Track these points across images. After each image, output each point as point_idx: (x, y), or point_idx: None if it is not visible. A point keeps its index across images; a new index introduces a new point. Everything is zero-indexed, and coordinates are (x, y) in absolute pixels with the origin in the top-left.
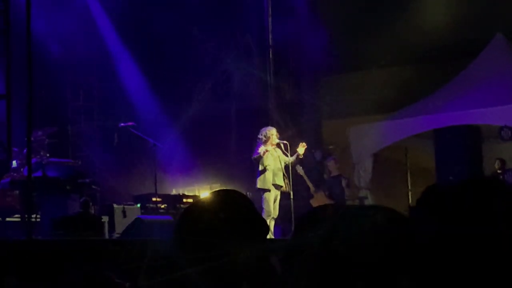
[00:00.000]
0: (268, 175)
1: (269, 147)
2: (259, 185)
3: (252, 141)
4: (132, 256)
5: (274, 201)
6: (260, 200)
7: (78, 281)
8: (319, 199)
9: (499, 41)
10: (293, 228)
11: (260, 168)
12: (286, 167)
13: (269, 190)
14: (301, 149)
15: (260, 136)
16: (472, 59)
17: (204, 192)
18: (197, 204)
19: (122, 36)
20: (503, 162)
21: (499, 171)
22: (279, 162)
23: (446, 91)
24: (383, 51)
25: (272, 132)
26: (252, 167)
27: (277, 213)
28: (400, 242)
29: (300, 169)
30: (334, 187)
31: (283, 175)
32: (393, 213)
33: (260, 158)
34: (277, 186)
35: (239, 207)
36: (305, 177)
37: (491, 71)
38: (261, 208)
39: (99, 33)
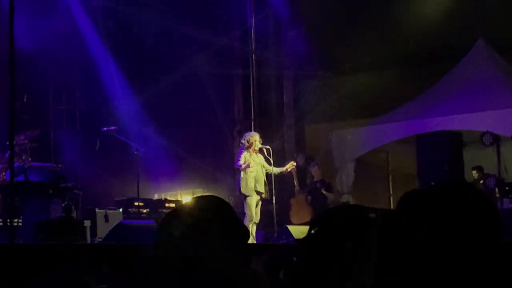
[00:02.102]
0: (250, 181)
1: (252, 157)
2: (241, 190)
3: (235, 146)
4: (114, 260)
5: (256, 206)
6: (243, 205)
7: (57, 286)
8: (299, 201)
9: (481, 47)
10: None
11: (242, 174)
12: (268, 173)
13: (251, 196)
14: (290, 166)
15: (243, 141)
16: (454, 64)
17: (186, 197)
18: (178, 210)
19: (105, 40)
20: (480, 169)
21: (481, 181)
22: (261, 168)
23: (428, 96)
24: (366, 56)
25: (255, 138)
26: (235, 172)
27: (259, 218)
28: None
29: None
30: (315, 192)
31: (264, 181)
32: None
33: (243, 170)
34: (258, 192)
35: (219, 213)
36: (294, 175)
37: (473, 77)
38: (243, 213)
39: (81, 37)
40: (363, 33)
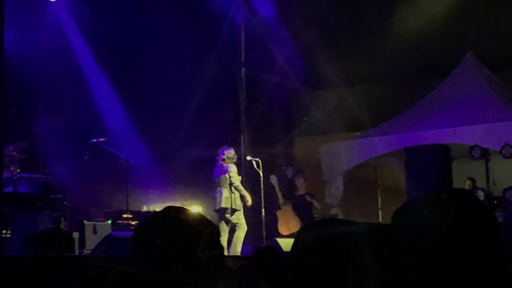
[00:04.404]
0: (238, 195)
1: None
2: (232, 205)
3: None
4: (102, 273)
5: None
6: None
7: None
8: (286, 213)
9: (469, 61)
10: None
11: (230, 189)
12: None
13: (240, 210)
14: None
15: (230, 157)
16: (443, 78)
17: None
18: (144, 222)
19: (94, 51)
20: (473, 181)
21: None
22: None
23: (417, 110)
24: (356, 70)
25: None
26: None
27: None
28: None
29: (274, 179)
30: (300, 205)
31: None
32: None
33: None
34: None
35: (184, 225)
36: (277, 188)
37: (461, 91)
38: (236, 226)
39: (70, 48)
40: (354, 48)
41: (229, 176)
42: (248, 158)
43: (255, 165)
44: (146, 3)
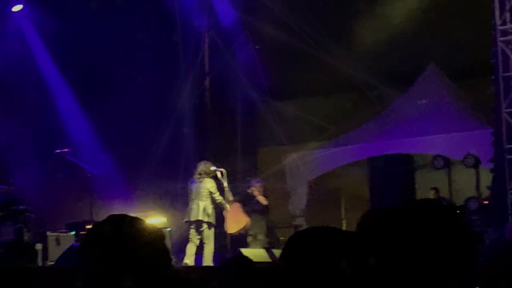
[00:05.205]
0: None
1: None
2: (210, 219)
3: (190, 169)
4: (66, 284)
5: None
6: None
7: None
8: (234, 210)
9: (432, 71)
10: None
11: (211, 202)
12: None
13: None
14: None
15: (207, 171)
16: (406, 88)
17: None
18: (89, 231)
19: (57, 61)
20: (437, 191)
21: None
22: None
23: (380, 120)
24: (319, 80)
25: None
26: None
27: None
28: None
29: (219, 174)
30: (247, 201)
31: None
32: None
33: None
34: None
35: (128, 234)
36: (225, 184)
37: (423, 101)
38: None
39: (34, 59)
40: (317, 58)
41: (211, 192)
42: (213, 168)
43: (219, 175)
44: (109, 13)
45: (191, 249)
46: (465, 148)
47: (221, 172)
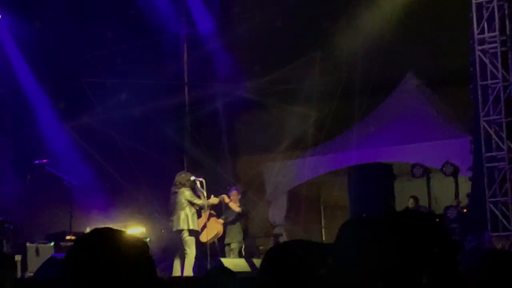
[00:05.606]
0: (196, 217)
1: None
2: (193, 226)
3: (169, 179)
4: None
5: None
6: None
7: None
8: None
9: (411, 80)
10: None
11: (192, 210)
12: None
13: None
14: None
15: (181, 181)
16: (384, 97)
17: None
18: (74, 244)
19: (36, 72)
20: (416, 199)
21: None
22: None
23: (359, 129)
24: (298, 89)
25: None
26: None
27: None
28: None
29: (198, 183)
30: (220, 208)
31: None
32: None
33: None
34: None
35: (112, 246)
36: (202, 193)
37: (402, 109)
38: (185, 249)
39: (12, 68)
40: (296, 66)
41: (189, 201)
42: (192, 178)
43: (198, 185)
44: (87, 23)
45: (176, 265)
46: (444, 156)
47: (201, 182)
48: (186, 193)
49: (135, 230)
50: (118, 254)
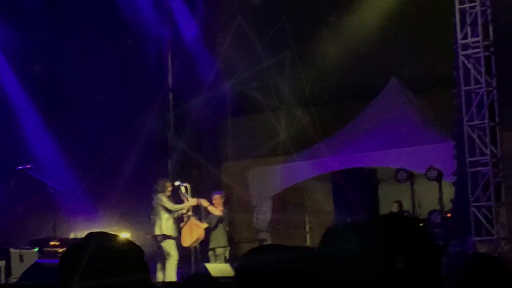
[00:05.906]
0: (174, 222)
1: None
2: (167, 231)
3: (152, 183)
4: None
5: None
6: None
7: None
8: (191, 223)
9: (394, 85)
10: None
11: (168, 215)
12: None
13: (176, 235)
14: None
15: (157, 188)
16: (368, 102)
17: None
18: (69, 249)
19: (20, 77)
20: (400, 204)
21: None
22: None
23: (343, 134)
24: (281, 94)
25: None
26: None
27: None
28: None
29: (183, 188)
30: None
31: None
32: None
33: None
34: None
35: (108, 250)
36: (186, 195)
37: (387, 115)
38: (165, 254)
39: None
40: (279, 72)
41: (164, 207)
42: (177, 183)
43: (183, 190)
44: (71, 29)
45: (159, 270)
46: (427, 161)
47: (185, 187)
48: (160, 199)
49: (120, 235)
50: (113, 258)
